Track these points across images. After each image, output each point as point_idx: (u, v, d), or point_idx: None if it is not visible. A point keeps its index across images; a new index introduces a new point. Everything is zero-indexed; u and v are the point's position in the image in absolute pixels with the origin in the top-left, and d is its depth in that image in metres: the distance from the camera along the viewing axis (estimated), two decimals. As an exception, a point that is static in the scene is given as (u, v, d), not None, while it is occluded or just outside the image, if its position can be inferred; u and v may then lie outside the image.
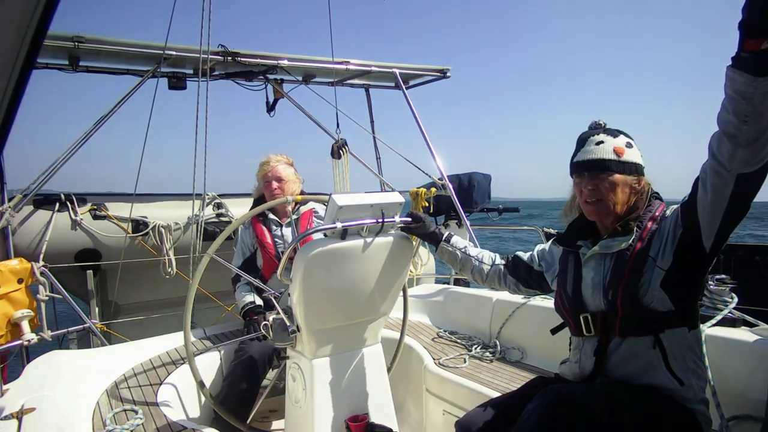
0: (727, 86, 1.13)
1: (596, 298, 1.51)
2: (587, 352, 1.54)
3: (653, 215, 1.47)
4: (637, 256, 1.44)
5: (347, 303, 1.88)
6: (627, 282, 1.43)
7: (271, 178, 2.66)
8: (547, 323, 1.70)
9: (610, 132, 1.53)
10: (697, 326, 1.48)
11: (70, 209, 3.74)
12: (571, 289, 1.58)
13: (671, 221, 1.42)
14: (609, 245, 1.49)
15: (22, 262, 2.72)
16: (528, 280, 1.84)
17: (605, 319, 1.48)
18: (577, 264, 1.59)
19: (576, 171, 1.54)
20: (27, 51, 0.79)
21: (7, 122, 0.94)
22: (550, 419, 1.30)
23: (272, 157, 2.72)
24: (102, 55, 3.51)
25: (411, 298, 3.01)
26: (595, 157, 1.48)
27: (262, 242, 2.64)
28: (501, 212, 5.36)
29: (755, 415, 1.74)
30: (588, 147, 1.51)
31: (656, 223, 1.46)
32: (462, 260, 1.94)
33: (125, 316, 3.95)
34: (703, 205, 1.30)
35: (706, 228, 1.32)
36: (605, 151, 1.48)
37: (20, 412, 1.59)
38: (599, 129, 1.55)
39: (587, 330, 1.52)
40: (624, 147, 1.49)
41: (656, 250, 1.42)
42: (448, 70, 4.74)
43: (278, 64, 3.99)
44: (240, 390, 2.24)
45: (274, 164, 2.69)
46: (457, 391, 2.32)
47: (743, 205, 1.27)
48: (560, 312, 1.64)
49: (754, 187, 1.23)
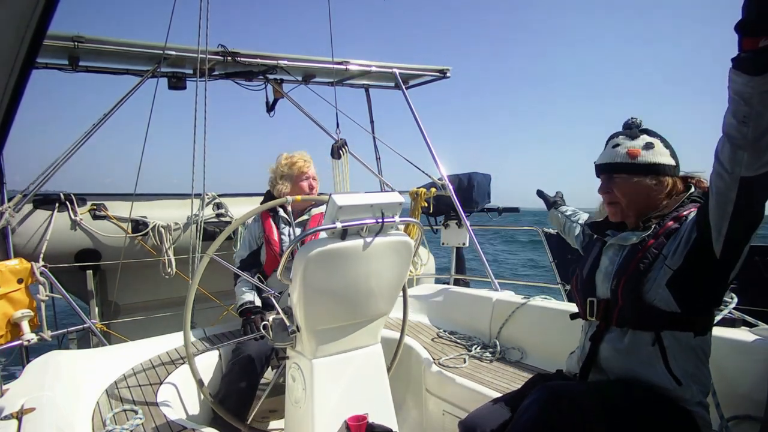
0: (729, 88, 1.13)
1: (605, 285, 1.55)
2: (587, 336, 1.59)
3: (678, 215, 1.47)
4: (646, 252, 1.45)
5: (347, 303, 1.88)
6: (630, 274, 1.46)
7: (310, 175, 2.71)
8: (547, 323, 1.70)
9: (629, 134, 1.56)
10: (707, 334, 1.46)
11: (70, 209, 3.74)
12: (587, 272, 1.64)
13: (689, 224, 1.42)
14: (627, 237, 1.53)
15: (22, 262, 2.72)
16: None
17: (607, 306, 1.52)
18: (599, 251, 1.65)
19: (597, 173, 1.61)
20: (27, 51, 0.79)
21: (7, 122, 0.94)
22: (546, 415, 1.31)
23: (304, 154, 2.73)
24: (102, 55, 3.51)
25: (411, 298, 3.01)
26: (608, 161, 1.55)
27: (269, 238, 2.65)
28: (501, 212, 5.36)
29: (755, 416, 1.74)
30: (605, 150, 1.58)
31: (678, 223, 1.46)
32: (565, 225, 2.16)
33: (125, 316, 3.96)
34: (711, 208, 1.30)
35: (714, 232, 1.31)
36: (617, 155, 1.53)
37: (20, 412, 1.59)
38: (628, 130, 1.58)
39: (590, 314, 1.58)
40: (640, 149, 1.50)
41: (669, 249, 1.42)
42: (448, 70, 4.74)
43: (278, 64, 3.99)
44: (238, 389, 2.24)
45: (311, 162, 2.73)
46: (456, 391, 2.32)
47: (750, 211, 1.24)
48: (573, 293, 1.70)
49: (760, 193, 1.21)
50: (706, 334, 1.46)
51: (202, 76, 2.99)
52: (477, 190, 4.86)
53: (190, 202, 3.43)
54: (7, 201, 3.33)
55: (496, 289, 3.15)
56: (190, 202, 3.38)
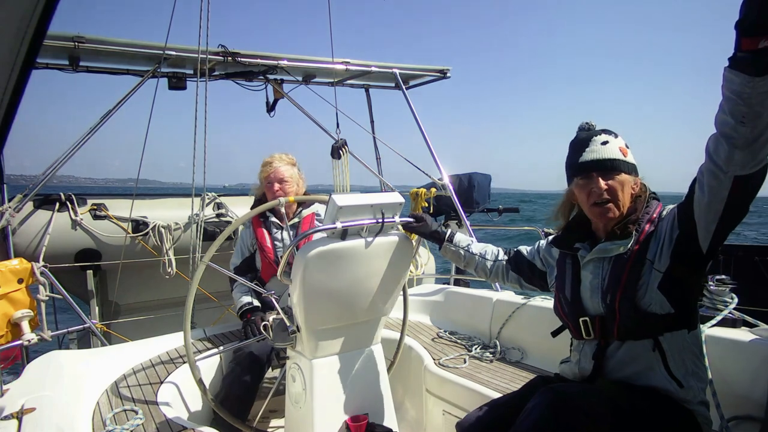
0: (724, 87, 1.12)
1: (595, 301, 1.51)
2: (587, 354, 1.54)
3: (651, 217, 1.46)
4: (634, 260, 1.43)
5: (347, 303, 1.88)
6: (625, 286, 1.43)
7: (273, 179, 2.60)
8: (547, 323, 1.70)
9: (609, 132, 1.52)
10: (697, 327, 1.47)
11: (70, 209, 3.74)
12: (570, 292, 1.58)
13: (668, 223, 1.41)
14: (607, 249, 1.48)
15: (22, 262, 2.71)
16: (530, 276, 1.83)
17: (604, 323, 1.48)
18: (575, 267, 1.59)
19: (583, 171, 1.50)
20: (27, 51, 0.79)
21: (7, 122, 0.94)
22: (550, 418, 1.30)
23: (275, 157, 2.66)
24: (102, 55, 3.51)
25: (411, 298, 3.01)
26: (606, 157, 1.46)
27: (262, 245, 2.62)
28: (501, 212, 5.37)
29: (755, 416, 1.74)
30: (593, 147, 1.49)
31: (653, 225, 1.45)
32: (466, 258, 1.93)
33: (125, 316, 3.95)
34: (700, 207, 1.29)
35: (702, 230, 1.31)
36: (613, 151, 1.47)
37: (20, 412, 1.59)
38: (594, 130, 1.53)
39: (587, 333, 1.52)
40: (626, 147, 1.50)
41: (653, 252, 1.42)
42: (448, 70, 4.74)
43: (278, 65, 3.99)
44: (239, 389, 2.24)
45: (276, 165, 2.62)
46: (457, 392, 2.32)
47: (740, 208, 1.25)
48: (560, 315, 1.64)
49: (751, 190, 1.21)
50: (697, 327, 1.47)
51: (202, 77, 2.99)
52: (477, 190, 4.86)
53: (190, 202, 3.43)
54: (7, 201, 3.34)
55: (496, 289, 3.16)
56: (191, 201, 3.38)
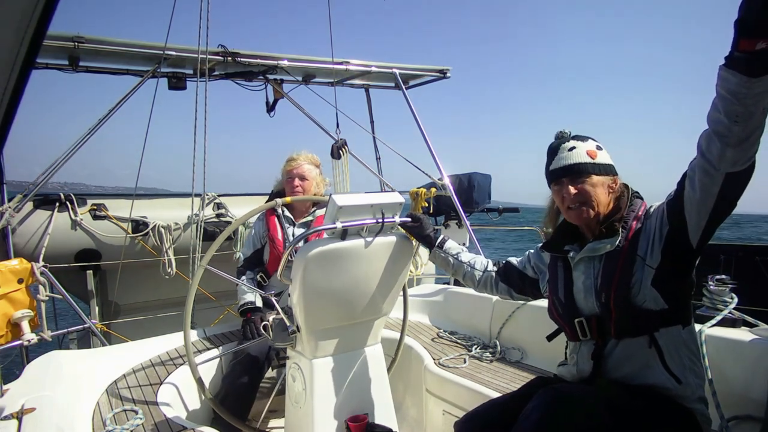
0: (718, 86, 1.12)
1: (589, 301, 1.52)
2: (584, 355, 1.55)
3: (636, 214, 1.49)
4: (626, 257, 1.45)
5: (347, 303, 1.88)
6: (618, 283, 1.44)
7: (295, 175, 2.67)
8: (547, 324, 1.70)
9: (579, 138, 1.57)
10: (691, 323, 1.49)
11: (70, 209, 3.75)
12: (563, 294, 1.59)
13: (657, 219, 1.43)
14: (596, 248, 1.50)
15: (22, 262, 2.72)
16: (521, 286, 1.84)
17: (600, 322, 1.49)
18: (566, 269, 1.60)
19: (554, 178, 1.57)
20: (27, 51, 0.79)
21: (7, 122, 0.94)
22: (550, 418, 1.31)
23: (301, 154, 2.72)
24: (102, 56, 3.52)
25: (411, 298, 3.01)
26: (571, 162, 1.53)
27: (273, 237, 2.65)
28: (501, 212, 5.38)
29: (755, 416, 1.74)
30: (562, 154, 1.55)
31: (640, 222, 1.48)
32: (454, 266, 1.93)
33: (125, 316, 3.96)
34: (691, 202, 1.31)
35: (693, 225, 1.33)
36: (579, 156, 1.52)
37: (20, 412, 1.59)
38: (565, 137, 1.59)
39: (583, 334, 1.54)
40: (595, 150, 1.53)
41: (644, 249, 1.43)
42: (448, 70, 4.74)
43: (278, 65, 4.00)
44: (239, 389, 2.25)
45: (301, 162, 2.69)
46: (456, 392, 2.32)
47: (730, 203, 1.28)
48: (554, 318, 1.65)
49: (741, 186, 1.24)
50: (691, 323, 1.48)
51: (202, 77, 2.99)
52: (477, 190, 4.87)
53: (190, 202, 3.43)
54: (7, 201, 3.34)
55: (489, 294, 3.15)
56: (191, 202, 3.38)
